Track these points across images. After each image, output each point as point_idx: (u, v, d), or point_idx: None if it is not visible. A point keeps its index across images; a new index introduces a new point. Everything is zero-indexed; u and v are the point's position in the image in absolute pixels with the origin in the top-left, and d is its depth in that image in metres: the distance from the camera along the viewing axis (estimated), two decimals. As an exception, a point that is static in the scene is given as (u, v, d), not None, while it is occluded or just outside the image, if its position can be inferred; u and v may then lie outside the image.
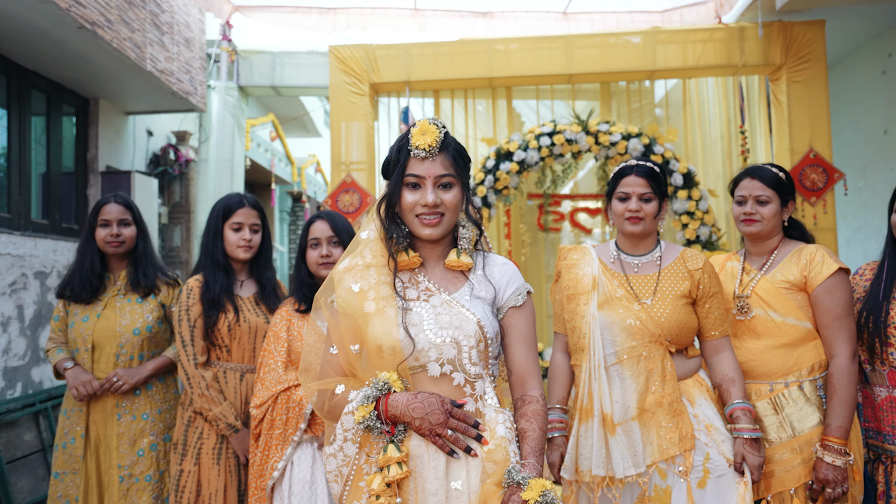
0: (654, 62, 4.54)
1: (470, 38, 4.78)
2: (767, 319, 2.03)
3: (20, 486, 3.60)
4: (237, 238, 2.31)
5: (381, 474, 1.31)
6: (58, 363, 2.47)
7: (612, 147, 4.39)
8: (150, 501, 2.40)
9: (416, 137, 1.40)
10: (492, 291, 1.47)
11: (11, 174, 4.02)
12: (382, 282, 1.41)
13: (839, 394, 1.91)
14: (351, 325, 1.40)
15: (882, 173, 4.95)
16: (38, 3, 3.26)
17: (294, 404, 2.04)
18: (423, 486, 1.32)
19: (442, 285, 1.46)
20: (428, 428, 1.31)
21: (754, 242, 2.14)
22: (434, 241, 1.47)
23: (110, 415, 2.43)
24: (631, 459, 1.79)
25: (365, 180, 4.58)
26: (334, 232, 2.16)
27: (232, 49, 5.00)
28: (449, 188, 1.42)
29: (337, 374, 1.43)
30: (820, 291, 1.97)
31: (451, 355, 1.37)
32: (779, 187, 2.07)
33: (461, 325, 1.38)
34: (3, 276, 3.77)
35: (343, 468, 1.37)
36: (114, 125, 4.91)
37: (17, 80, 4.04)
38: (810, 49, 4.40)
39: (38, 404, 3.88)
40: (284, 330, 2.13)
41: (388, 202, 1.44)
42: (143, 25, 4.12)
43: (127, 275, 2.54)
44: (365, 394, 1.33)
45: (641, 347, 1.84)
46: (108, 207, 2.51)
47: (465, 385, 1.38)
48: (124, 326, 2.47)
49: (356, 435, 1.36)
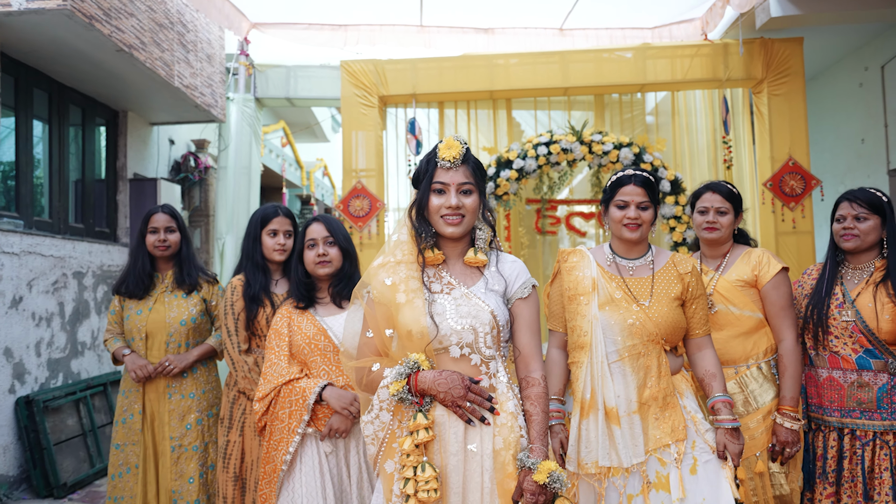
0: (645, 76, 4.91)
1: (472, 53, 5.15)
2: (728, 313, 2.38)
3: (65, 466, 4.03)
4: (273, 242, 2.61)
5: (412, 437, 1.58)
6: (116, 351, 2.88)
7: (605, 156, 4.79)
8: (197, 468, 2.81)
9: (443, 151, 1.68)
10: (503, 285, 1.73)
11: (52, 182, 4.46)
12: (411, 276, 1.69)
13: (790, 370, 2.30)
14: (385, 313, 1.67)
15: (860, 179, 5.34)
16: (83, 30, 3.69)
17: (297, 396, 2.15)
18: (445, 448, 1.61)
19: (461, 280, 1.73)
20: (450, 400, 1.59)
21: (711, 247, 2.50)
22: (455, 240, 1.73)
23: (163, 394, 2.83)
24: (633, 449, 1.91)
25: (374, 186, 4.95)
26: (330, 233, 2.31)
27: (249, 63, 5.41)
28: (469, 194, 1.70)
29: (372, 355, 1.70)
30: (768, 287, 2.36)
31: (469, 340, 1.64)
32: (734, 200, 2.44)
33: (477, 314, 1.65)
34: (46, 276, 4.20)
35: (379, 433, 1.65)
36: (140, 135, 5.35)
37: (56, 96, 4.48)
38: (789, 64, 4.78)
39: (79, 392, 4.32)
40: (285, 326, 2.27)
41: (418, 206, 1.72)
42: (172, 45, 4.55)
43: (173, 274, 2.93)
44: (398, 371, 1.60)
45: (641, 346, 1.96)
46: (157, 217, 2.90)
47: (481, 364, 1.65)
48: (172, 318, 2.86)
49: (390, 405, 1.63)
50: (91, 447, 4.28)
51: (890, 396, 2.22)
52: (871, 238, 2.32)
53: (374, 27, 5.26)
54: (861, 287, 2.32)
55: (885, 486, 2.17)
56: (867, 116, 5.26)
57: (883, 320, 2.22)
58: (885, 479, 2.18)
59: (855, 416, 2.27)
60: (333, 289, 2.31)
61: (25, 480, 3.95)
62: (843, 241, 2.35)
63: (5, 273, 3.85)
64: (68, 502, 3.87)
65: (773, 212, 4.76)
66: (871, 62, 5.20)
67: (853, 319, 2.27)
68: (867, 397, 2.25)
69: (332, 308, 2.31)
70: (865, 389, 2.26)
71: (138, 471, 2.82)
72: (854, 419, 2.27)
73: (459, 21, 5.21)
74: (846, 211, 2.36)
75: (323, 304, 2.33)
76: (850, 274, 2.38)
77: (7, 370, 3.87)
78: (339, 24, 5.24)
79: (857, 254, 2.37)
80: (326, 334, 2.23)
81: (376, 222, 4.89)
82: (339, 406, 2.12)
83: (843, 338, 2.30)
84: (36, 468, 3.90)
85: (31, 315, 4.08)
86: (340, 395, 2.14)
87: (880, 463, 2.20)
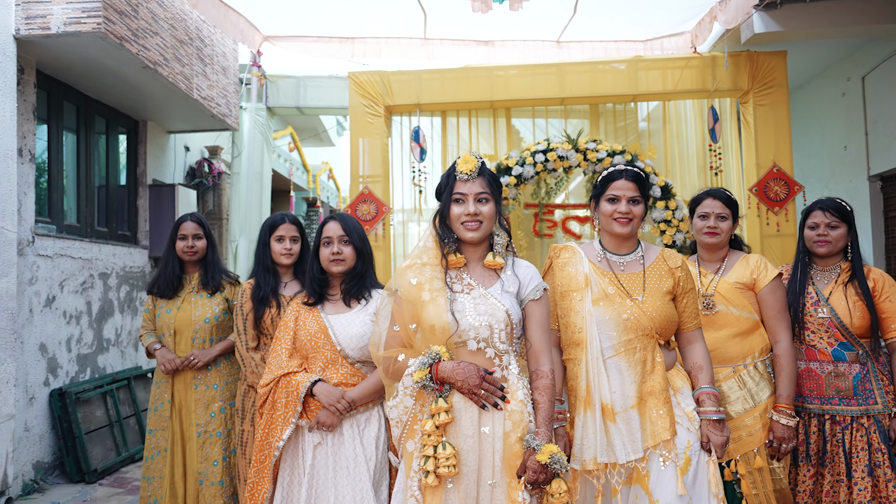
0: (637, 87, 5.20)
1: (473, 65, 5.45)
2: (728, 313, 2.50)
3: (94, 454, 4.39)
4: (280, 247, 2.83)
5: (432, 420, 1.77)
6: (149, 345, 3.20)
7: (599, 163, 5.11)
8: (221, 451, 3.12)
9: (461, 165, 1.90)
10: (517, 286, 1.90)
11: (80, 189, 4.82)
12: (435, 277, 1.89)
13: (786, 370, 2.43)
14: (410, 309, 1.87)
15: (843, 184, 5.68)
16: (114, 50, 4.04)
17: (292, 388, 2.27)
18: (461, 430, 1.79)
19: (480, 281, 1.91)
20: (467, 388, 1.78)
21: (710, 251, 2.61)
22: (475, 244, 1.92)
23: (189, 385, 3.13)
24: (630, 445, 1.94)
25: (380, 192, 5.25)
26: (345, 232, 2.39)
27: (261, 74, 5.76)
28: (485, 202, 1.89)
29: (398, 346, 1.89)
30: (766, 291, 2.49)
31: (485, 335, 1.82)
32: (733, 206, 2.59)
33: (493, 313, 1.84)
34: (75, 277, 4.56)
35: (403, 416, 1.85)
36: (158, 143, 5.71)
37: (84, 108, 4.84)
38: (774, 76, 5.09)
39: (105, 386, 4.68)
40: (293, 321, 2.38)
41: (441, 215, 1.93)
42: (191, 60, 4.90)
43: (199, 277, 3.22)
44: (421, 361, 1.80)
45: (636, 340, 2.00)
46: (185, 225, 3.20)
47: (495, 357, 1.84)
48: (198, 317, 3.15)
49: (413, 391, 1.83)
50: (117, 436, 4.64)
51: (863, 384, 2.48)
52: (841, 244, 2.58)
53: (380, 40, 5.56)
54: (832, 287, 2.56)
55: (862, 464, 2.43)
56: (849, 124, 5.59)
57: (855, 316, 2.48)
58: (861, 457, 2.44)
59: (834, 403, 2.50)
60: (345, 286, 2.39)
61: (59, 467, 4.31)
62: (817, 247, 2.59)
63: (41, 274, 4.21)
64: (99, 487, 4.23)
65: (759, 216, 5.07)
66: (853, 73, 5.53)
67: (829, 316, 2.52)
68: (844, 385, 2.49)
69: (340, 306, 2.39)
70: (842, 378, 2.50)
71: (167, 454, 3.11)
72: (833, 406, 2.50)
73: (461, 34, 5.50)
74: (820, 219, 2.58)
75: (332, 301, 2.41)
76: (819, 275, 2.62)
77: (42, 364, 4.23)
78: (347, 37, 5.54)
79: (825, 257, 2.61)
80: (327, 333, 2.32)
81: (382, 225, 5.21)
82: (326, 402, 2.22)
83: (820, 332, 2.54)
84: (69, 455, 4.26)
85: (63, 313, 4.43)
86: (329, 391, 2.24)
87: (857, 444, 2.45)
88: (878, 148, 5.31)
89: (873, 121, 5.31)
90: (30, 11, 3.78)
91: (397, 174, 5.43)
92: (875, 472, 2.43)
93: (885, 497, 2.40)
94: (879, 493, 2.42)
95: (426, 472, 1.75)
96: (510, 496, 1.75)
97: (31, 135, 4.17)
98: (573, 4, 4.88)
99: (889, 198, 5.36)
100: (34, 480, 4.08)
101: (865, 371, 2.49)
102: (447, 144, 5.35)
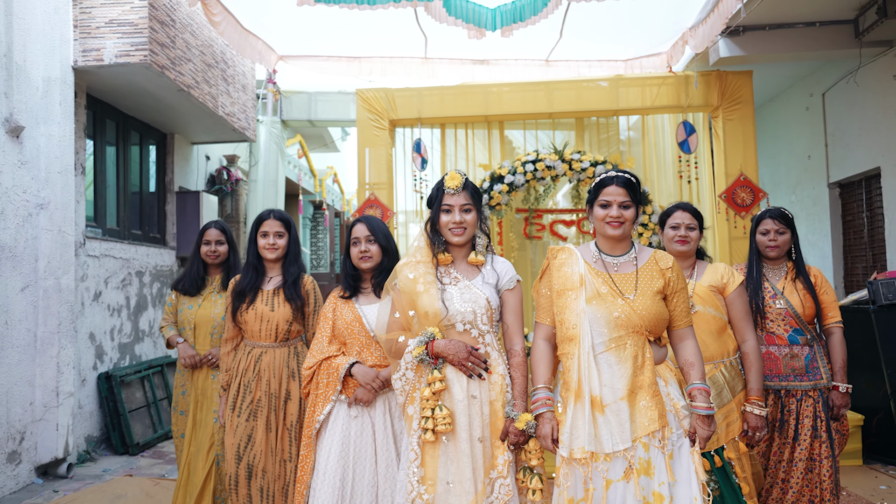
0: (619, 103, 5.84)
1: (470, 82, 6.06)
2: (706, 313, 2.77)
3: (136, 430, 5.12)
4: (264, 242, 2.91)
5: (430, 387, 2.12)
6: (170, 337, 3.48)
7: (583, 172, 5.81)
8: None
9: (448, 181, 2.25)
10: (496, 279, 2.26)
11: (119, 196, 5.55)
12: (428, 272, 2.24)
13: (755, 366, 2.71)
14: (408, 299, 2.22)
15: (807, 191, 6.39)
16: (155, 77, 4.77)
17: (332, 370, 2.54)
18: (454, 396, 2.14)
19: (465, 275, 2.27)
20: (457, 361, 2.14)
21: (680, 259, 2.84)
22: (460, 246, 2.28)
23: (207, 375, 3.40)
24: (619, 436, 2.03)
25: (385, 197, 5.90)
26: (371, 232, 2.64)
27: (276, 90, 6.47)
28: (469, 212, 2.25)
29: (399, 330, 2.25)
30: (733, 295, 2.78)
31: (470, 318, 2.18)
32: (699, 219, 2.88)
33: (476, 300, 2.20)
34: (117, 275, 5.29)
35: (405, 386, 2.20)
36: (183, 153, 6.44)
37: (122, 124, 5.57)
38: (741, 94, 5.74)
39: (143, 371, 5.41)
40: (331, 311, 2.65)
41: (432, 222, 2.29)
42: (217, 81, 5.63)
43: (220, 279, 3.51)
44: (419, 340, 2.16)
45: (626, 337, 2.10)
46: (210, 231, 3.49)
47: (479, 337, 2.20)
48: (216, 314, 3.42)
49: (413, 365, 2.18)
50: (154, 416, 5.37)
51: (812, 363, 2.91)
52: (787, 247, 3.00)
53: (384, 59, 6.14)
54: (784, 283, 2.99)
55: (805, 428, 2.87)
56: (812, 136, 6.29)
57: (806, 307, 2.92)
58: (806, 423, 2.88)
59: (790, 380, 2.90)
60: (374, 280, 2.66)
61: (106, 441, 5.04)
62: (769, 251, 2.99)
63: (90, 272, 4.93)
64: (141, 458, 4.96)
65: (728, 220, 5.72)
66: (815, 90, 6.23)
67: (785, 307, 2.93)
68: (798, 365, 2.90)
69: (371, 297, 2.65)
70: (796, 359, 2.90)
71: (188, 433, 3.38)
72: (790, 382, 2.91)
73: (459, 54, 6.05)
74: (770, 226, 2.98)
75: (365, 293, 2.68)
76: (770, 273, 3.04)
77: (91, 351, 4.96)
78: (355, 57, 6.10)
79: (775, 259, 3.03)
80: (361, 321, 2.59)
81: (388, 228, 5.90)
82: (363, 381, 2.50)
83: (777, 321, 2.94)
84: (115, 430, 4.99)
85: (107, 307, 5.16)
86: (365, 371, 2.51)
87: (804, 412, 2.88)
88: (836, 158, 6.01)
89: (832, 133, 6.01)
90: (86, 45, 4.50)
91: (400, 181, 6.00)
92: (815, 434, 2.88)
93: (816, 455, 2.87)
94: (813, 451, 2.88)
95: (425, 430, 2.10)
96: (493, 453, 2.14)
97: (83, 150, 4.89)
98: (559, 29, 5.53)
99: (846, 203, 6.07)
100: (86, 451, 4.81)
101: (813, 352, 2.93)
102: (446, 154, 5.98)
